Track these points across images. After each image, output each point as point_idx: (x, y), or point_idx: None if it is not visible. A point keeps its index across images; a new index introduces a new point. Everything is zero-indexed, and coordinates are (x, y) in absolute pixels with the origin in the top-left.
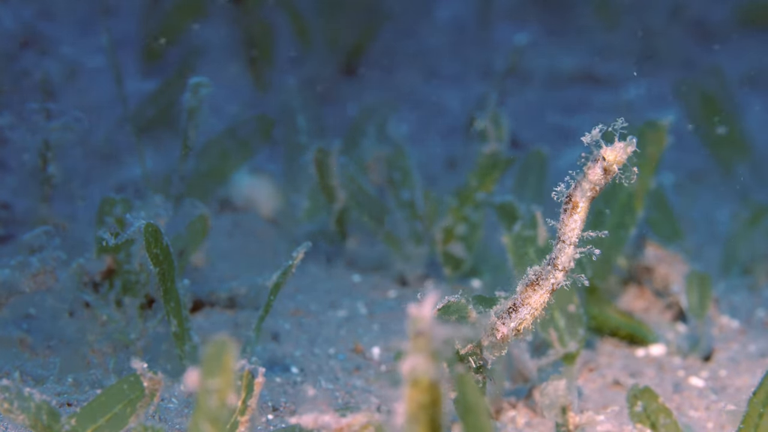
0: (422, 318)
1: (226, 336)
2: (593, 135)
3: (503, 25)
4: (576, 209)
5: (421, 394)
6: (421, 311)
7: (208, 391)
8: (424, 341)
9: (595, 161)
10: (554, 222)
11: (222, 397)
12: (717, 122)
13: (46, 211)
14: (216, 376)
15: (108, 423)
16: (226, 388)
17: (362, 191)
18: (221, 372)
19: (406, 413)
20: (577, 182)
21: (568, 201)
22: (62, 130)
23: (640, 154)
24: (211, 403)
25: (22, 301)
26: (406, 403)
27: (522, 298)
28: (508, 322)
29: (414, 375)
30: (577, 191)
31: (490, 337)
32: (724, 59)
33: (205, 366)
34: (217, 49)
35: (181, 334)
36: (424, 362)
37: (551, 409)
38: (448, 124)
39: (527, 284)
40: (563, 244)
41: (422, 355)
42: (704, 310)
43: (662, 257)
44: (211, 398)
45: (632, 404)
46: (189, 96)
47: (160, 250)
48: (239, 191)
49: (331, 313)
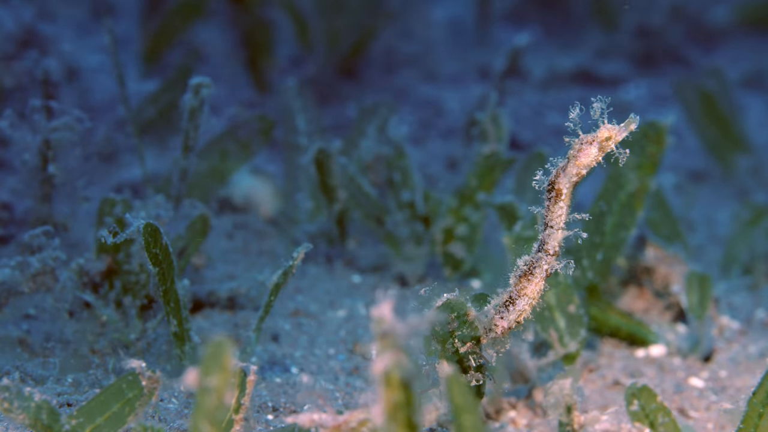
0: (383, 319)
1: (224, 336)
2: (573, 117)
3: (503, 25)
4: (560, 196)
5: (394, 392)
6: (382, 312)
7: (206, 391)
8: (389, 341)
9: (587, 143)
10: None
11: (220, 396)
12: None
13: (47, 211)
14: (214, 375)
15: (106, 422)
16: (223, 386)
17: (362, 191)
18: (219, 371)
19: (383, 413)
20: (558, 169)
21: (551, 189)
22: (63, 130)
23: (640, 155)
24: (210, 402)
25: (22, 301)
26: (382, 403)
27: (518, 289)
28: (507, 315)
29: (386, 374)
30: (561, 178)
31: (490, 333)
32: (724, 59)
33: (204, 366)
34: (217, 49)
35: (181, 335)
36: (392, 361)
37: (556, 408)
38: (448, 125)
39: (520, 276)
40: (551, 230)
41: (390, 353)
42: (704, 310)
43: (662, 258)
44: (209, 397)
45: (630, 403)
46: (190, 96)
47: (159, 250)
48: (239, 192)
49: (331, 313)
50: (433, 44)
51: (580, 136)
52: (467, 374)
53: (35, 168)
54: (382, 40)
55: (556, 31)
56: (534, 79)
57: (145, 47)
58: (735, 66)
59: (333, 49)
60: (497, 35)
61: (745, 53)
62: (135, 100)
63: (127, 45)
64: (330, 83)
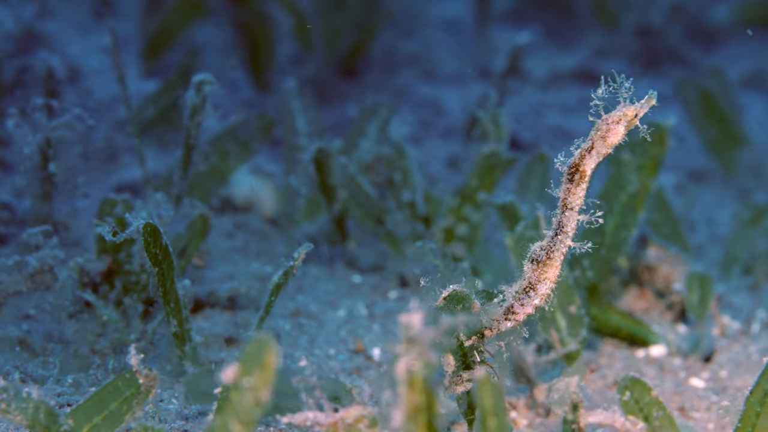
0: (412, 326)
1: (269, 335)
2: (600, 94)
3: (503, 25)
4: (584, 177)
5: (416, 394)
6: (411, 320)
7: (242, 388)
8: (416, 346)
9: (615, 123)
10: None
11: (257, 396)
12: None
13: (47, 210)
14: (254, 373)
15: (104, 421)
16: (263, 386)
17: (362, 191)
18: (260, 370)
19: (403, 414)
20: (582, 151)
21: (575, 171)
22: (64, 129)
23: (642, 156)
24: (244, 401)
25: (22, 301)
26: (403, 404)
27: (538, 275)
28: (530, 300)
29: (409, 376)
30: (587, 160)
31: (506, 322)
32: (724, 59)
33: (244, 362)
34: (217, 49)
35: (181, 335)
36: (417, 364)
37: (560, 405)
38: (448, 125)
39: (537, 261)
40: (571, 212)
41: (415, 357)
42: (705, 310)
43: (664, 257)
44: (244, 396)
45: (622, 394)
46: (192, 93)
47: (159, 249)
48: (239, 191)
49: (331, 313)
50: (433, 44)
51: (603, 117)
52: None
53: (35, 167)
54: (382, 40)
55: (556, 30)
56: (534, 79)
57: (145, 47)
58: (735, 66)
59: (333, 49)
60: (498, 35)
61: (745, 53)
62: (135, 100)
63: (127, 45)
64: (330, 83)
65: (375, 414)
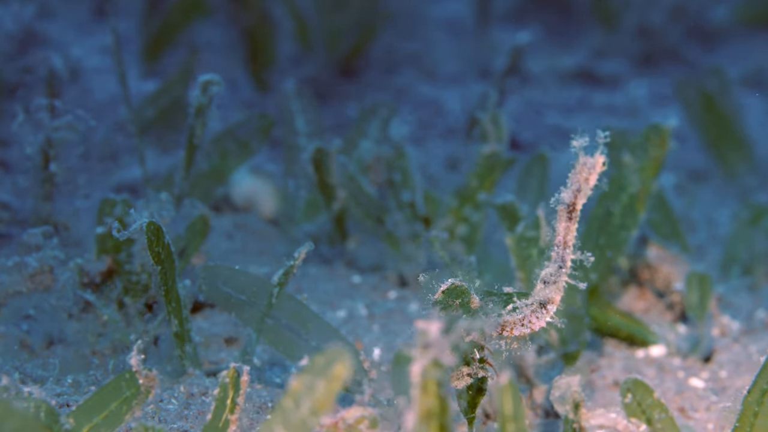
0: (429, 333)
1: (345, 345)
2: (579, 145)
3: (503, 25)
4: (577, 215)
5: (430, 398)
6: (429, 328)
7: (299, 397)
8: (431, 353)
9: (593, 168)
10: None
11: (318, 409)
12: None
13: (48, 210)
14: (319, 383)
15: (104, 421)
16: (327, 399)
17: (362, 191)
18: (328, 380)
19: (416, 417)
20: (573, 190)
21: (572, 209)
22: (66, 129)
23: (643, 157)
24: (301, 410)
25: (22, 301)
26: (416, 407)
27: (548, 297)
28: (543, 316)
29: (424, 380)
30: (578, 198)
31: (522, 328)
32: (724, 59)
33: (311, 371)
34: (217, 49)
35: (181, 335)
36: (433, 370)
37: (562, 403)
38: (448, 125)
39: (546, 283)
40: (569, 249)
41: (430, 362)
42: (704, 310)
43: (665, 257)
44: (300, 404)
45: (624, 396)
46: (198, 93)
47: (162, 248)
48: (239, 191)
49: (330, 313)
50: (433, 44)
51: (581, 160)
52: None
53: (37, 166)
54: (382, 40)
55: (557, 30)
56: (534, 79)
57: (146, 47)
58: (735, 66)
59: (333, 49)
60: (498, 34)
61: (745, 53)
62: (135, 100)
63: (127, 45)
64: (330, 83)
65: (375, 415)
